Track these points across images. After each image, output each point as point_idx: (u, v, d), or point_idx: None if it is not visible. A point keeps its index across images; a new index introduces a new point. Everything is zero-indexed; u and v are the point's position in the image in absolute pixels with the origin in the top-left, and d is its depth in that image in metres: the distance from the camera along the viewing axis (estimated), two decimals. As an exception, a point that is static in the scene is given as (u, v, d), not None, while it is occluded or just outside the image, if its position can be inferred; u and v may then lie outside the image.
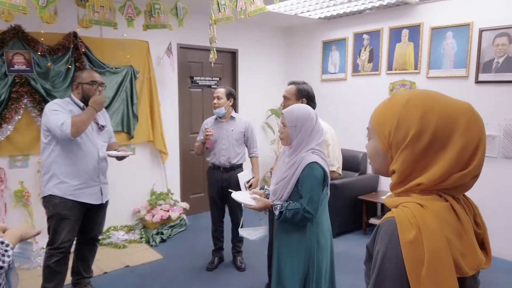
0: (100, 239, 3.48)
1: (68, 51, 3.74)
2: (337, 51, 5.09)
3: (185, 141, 4.94)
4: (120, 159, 2.89)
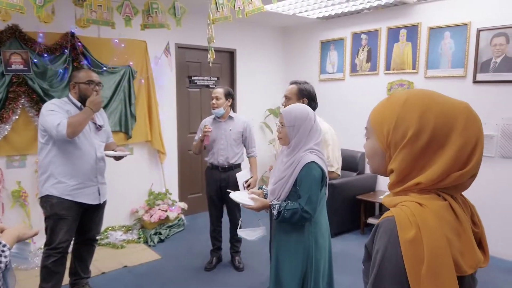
0: (98, 239, 3.48)
1: (66, 50, 3.73)
2: (335, 51, 5.10)
3: (183, 141, 4.94)
4: (118, 159, 2.89)
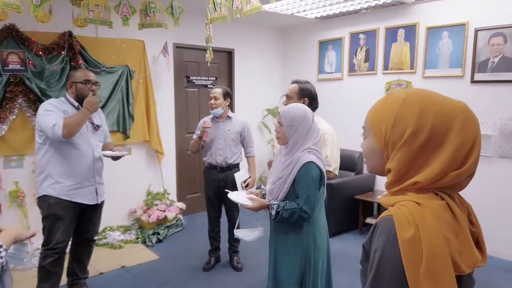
0: (96, 239, 3.46)
1: (63, 50, 3.72)
2: (333, 50, 5.10)
3: (181, 140, 4.93)
4: (116, 159, 2.87)
